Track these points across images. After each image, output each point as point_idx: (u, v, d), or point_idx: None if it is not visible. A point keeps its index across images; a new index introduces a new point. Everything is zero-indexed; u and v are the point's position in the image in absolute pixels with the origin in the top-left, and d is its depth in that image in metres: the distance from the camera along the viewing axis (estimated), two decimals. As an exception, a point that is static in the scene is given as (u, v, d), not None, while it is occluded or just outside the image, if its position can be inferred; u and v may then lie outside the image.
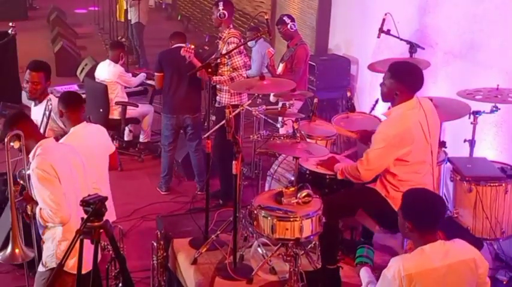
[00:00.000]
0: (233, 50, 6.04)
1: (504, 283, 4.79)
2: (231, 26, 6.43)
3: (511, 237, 5.02)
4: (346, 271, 4.49)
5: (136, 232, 6.10)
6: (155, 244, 4.91)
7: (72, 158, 4.10)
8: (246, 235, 4.86)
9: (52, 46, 12.01)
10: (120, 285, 3.81)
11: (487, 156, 5.44)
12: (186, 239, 5.03)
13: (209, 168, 5.06)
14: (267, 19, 5.44)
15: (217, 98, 6.46)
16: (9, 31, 8.68)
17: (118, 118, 7.62)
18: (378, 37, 6.32)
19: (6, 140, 3.97)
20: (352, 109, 5.76)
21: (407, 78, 4.25)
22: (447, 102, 5.16)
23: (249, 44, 8.51)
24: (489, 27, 5.78)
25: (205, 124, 6.66)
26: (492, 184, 4.86)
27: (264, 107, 5.88)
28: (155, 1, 16.60)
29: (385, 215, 4.34)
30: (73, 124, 4.60)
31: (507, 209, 4.89)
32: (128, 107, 7.62)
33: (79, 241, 3.08)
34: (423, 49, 6.20)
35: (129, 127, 8.08)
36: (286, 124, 5.89)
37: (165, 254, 4.96)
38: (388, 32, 6.23)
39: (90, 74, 8.97)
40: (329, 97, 8.08)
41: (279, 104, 6.71)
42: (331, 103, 8.14)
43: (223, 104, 6.31)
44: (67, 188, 3.92)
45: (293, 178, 4.65)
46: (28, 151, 4.02)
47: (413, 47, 6.11)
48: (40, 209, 3.90)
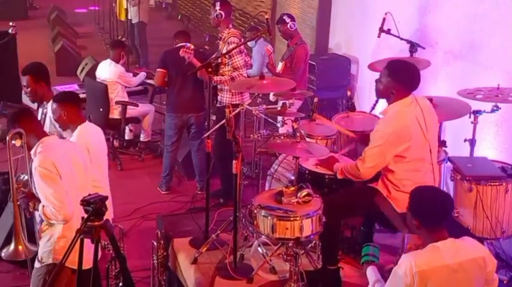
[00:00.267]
0: (233, 50, 6.03)
1: (504, 283, 4.79)
2: (231, 26, 6.41)
3: (511, 237, 5.03)
4: (346, 271, 4.50)
5: (136, 232, 6.09)
6: (155, 244, 4.91)
7: (73, 155, 4.09)
8: (246, 235, 4.86)
9: (52, 46, 12.01)
10: (120, 285, 3.82)
11: (488, 155, 5.43)
12: (187, 238, 5.03)
13: (209, 167, 5.06)
14: (267, 18, 5.42)
15: (218, 98, 6.45)
16: (9, 31, 8.65)
17: (118, 118, 7.62)
18: (378, 36, 6.33)
19: (8, 138, 3.97)
20: (352, 108, 5.76)
21: (404, 77, 4.25)
22: (447, 101, 5.15)
23: (249, 44, 8.51)
24: (489, 26, 5.78)
25: (205, 124, 6.65)
26: (492, 184, 4.85)
27: (264, 107, 5.88)
28: (155, 0, 16.58)
29: (387, 215, 4.34)
30: (77, 123, 4.53)
31: (507, 208, 4.89)
32: (128, 107, 7.62)
33: (79, 240, 3.08)
34: (423, 49, 6.20)
35: (130, 127, 8.08)
36: (286, 123, 5.88)
37: (166, 253, 4.96)
38: (389, 32, 6.23)
39: (90, 74, 8.97)
40: (329, 96, 8.07)
41: (279, 104, 6.71)
42: (331, 102, 8.13)
43: (224, 104, 6.30)
44: (68, 185, 3.93)
45: (293, 178, 4.65)
46: (30, 148, 4.02)
47: (413, 47, 6.11)
48: (43, 206, 3.91)
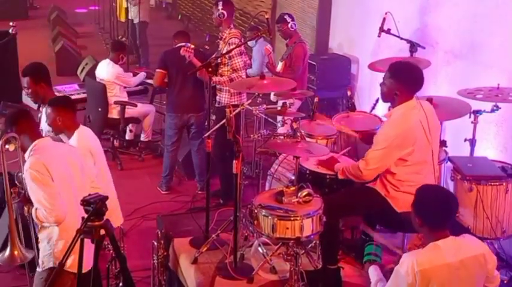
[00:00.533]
0: (233, 50, 6.03)
1: (505, 282, 4.78)
2: (232, 26, 6.41)
3: (511, 236, 5.02)
4: (347, 271, 4.50)
5: (136, 232, 6.09)
6: (156, 244, 4.91)
7: (68, 157, 4.07)
8: (247, 234, 4.86)
9: (52, 45, 12.00)
10: (120, 285, 3.82)
11: (488, 155, 5.43)
12: (187, 238, 5.02)
13: (209, 167, 5.06)
14: (267, 18, 5.42)
15: (217, 98, 6.45)
16: (9, 30, 8.66)
17: (117, 117, 7.61)
18: (379, 36, 6.32)
19: (1, 142, 3.95)
20: (352, 108, 5.77)
21: (407, 78, 4.24)
22: (448, 101, 5.15)
23: (250, 44, 8.51)
24: (489, 26, 5.78)
25: (205, 124, 6.66)
26: (493, 183, 4.85)
27: (265, 107, 5.87)
28: (155, 0, 16.57)
29: (385, 214, 4.34)
30: (72, 128, 4.49)
31: (508, 208, 4.89)
32: (127, 107, 7.61)
33: (79, 241, 3.08)
34: (424, 48, 6.19)
35: (130, 127, 8.08)
36: (286, 123, 5.88)
37: (166, 253, 4.96)
38: (389, 31, 6.23)
39: (90, 74, 8.96)
40: (329, 96, 8.07)
41: (279, 103, 6.71)
42: (331, 102, 8.13)
43: (223, 104, 6.30)
44: (62, 187, 3.90)
45: (293, 177, 4.65)
46: (24, 150, 3.99)
47: (413, 46, 6.10)
48: (35, 209, 3.89)
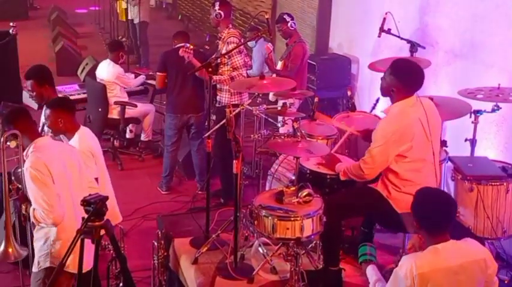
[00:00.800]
0: (232, 50, 6.03)
1: (505, 282, 4.78)
2: (230, 26, 6.41)
3: (512, 236, 5.03)
4: (347, 271, 4.49)
5: (137, 232, 6.09)
6: (156, 244, 4.91)
7: (67, 157, 4.07)
8: (247, 235, 4.85)
9: (53, 46, 12.01)
10: (120, 285, 3.81)
11: (488, 155, 5.43)
12: (187, 238, 5.02)
13: (210, 167, 5.05)
14: (268, 18, 5.42)
15: (217, 98, 6.45)
16: (10, 31, 8.65)
17: (117, 118, 7.61)
18: (379, 36, 6.32)
19: (2, 139, 3.94)
20: (352, 108, 5.77)
21: (405, 77, 4.24)
22: (448, 101, 5.15)
23: (250, 44, 8.50)
24: (490, 26, 5.78)
25: (205, 124, 6.66)
26: (493, 183, 4.85)
27: (265, 107, 5.87)
28: (156, 0, 16.58)
29: (386, 215, 4.34)
30: (73, 130, 4.50)
31: (508, 208, 4.89)
32: (127, 107, 7.62)
33: (79, 241, 3.07)
34: (424, 48, 6.19)
35: (130, 127, 8.08)
36: (286, 123, 5.88)
37: (166, 253, 4.96)
38: (389, 31, 6.22)
39: (90, 74, 8.96)
40: (329, 96, 8.07)
41: (279, 103, 6.70)
42: (331, 102, 8.13)
43: (223, 104, 6.30)
44: (61, 187, 3.90)
45: (294, 177, 4.64)
46: (23, 149, 3.98)
47: (414, 46, 6.10)
48: (33, 209, 3.88)
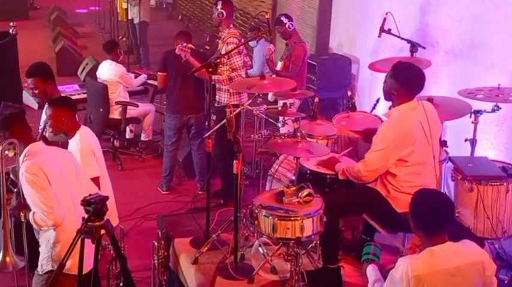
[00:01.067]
0: (232, 51, 6.03)
1: (505, 282, 4.79)
2: (231, 26, 6.41)
3: (512, 236, 5.03)
4: (347, 271, 4.50)
5: (137, 232, 6.10)
6: (156, 244, 4.91)
7: (61, 160, 4.08)
8: (247, 235, 4.85)
9: (53, 46, 12.01)
10: (121, 285, 3.81)
11: (488, 155, 5.43)
12: (187, 238, 5.02)
13: (210, 167, 5.05)
14: (268, 18, 5.42)
15: (216, 98, 6.45)
16: (10, 31, 8.65)
17: (118, 118, 7.61)
18: (379, 36, 6.32)
19: (1, 148, 3.95)
20: (353, 108, 5.77)
21: (405, 80, 4.24)
22: (448, 101, 5.15)
23: (251, 44, 8.51)
24: (490, 26, 5.78)
25: (205, 124, 6.67)
26: (493, 183, 4.85)
27: (265, 107, 5.87)
28: (156, 0, 16.58)
29: (386, 215, 4.34)
30: (74, 129, 4.52)
31: (508, 208, 4.89)
32: (129, 107, 7.62)
33: (80, 241, 3.08)
34: (424, 48, 6.19)
35: (130, 127, 8.08)
36: (287, 123, 5.88)
37: (166, 253, 4.96)
38: (389, 31, 6.22)
39: (91, 74, 8.96)
40: (330, 96, 8.08)
41: (279, 103, 6.71)
42: (332, 102, 8.14)
43: (222, 104, 6.30)
44: (58, 189, 3.91)
45: (294, 178, 4.64)
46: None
47: (414, 46, 6.09)
48: (33, 213, 3.89)
